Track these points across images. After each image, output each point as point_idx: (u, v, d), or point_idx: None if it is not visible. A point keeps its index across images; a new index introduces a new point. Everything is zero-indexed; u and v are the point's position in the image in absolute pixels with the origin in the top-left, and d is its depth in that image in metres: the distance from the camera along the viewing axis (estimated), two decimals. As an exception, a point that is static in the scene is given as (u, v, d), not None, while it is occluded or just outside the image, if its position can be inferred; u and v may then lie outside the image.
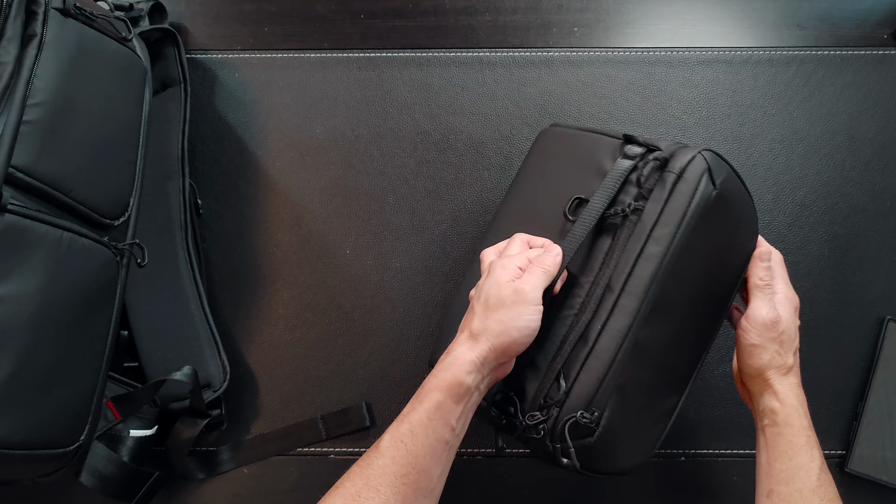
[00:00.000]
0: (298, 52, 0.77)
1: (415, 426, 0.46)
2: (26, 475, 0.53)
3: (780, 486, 0.49)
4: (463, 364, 0.47)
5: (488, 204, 0.73)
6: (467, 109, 0.75)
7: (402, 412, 0.47)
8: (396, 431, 0.46)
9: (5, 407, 0.47)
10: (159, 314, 0.69)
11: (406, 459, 0.45)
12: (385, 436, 0.46)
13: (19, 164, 0.48)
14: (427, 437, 0.46)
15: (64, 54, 0.53)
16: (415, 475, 0.45)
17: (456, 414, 0.47)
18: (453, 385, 0.46)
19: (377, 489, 0.44)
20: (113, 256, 0.56)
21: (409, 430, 0.46)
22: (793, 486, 0.49)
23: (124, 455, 0.61)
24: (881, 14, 0.76)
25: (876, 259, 0.71)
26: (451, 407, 0.46)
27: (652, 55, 0.75)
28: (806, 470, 0.49)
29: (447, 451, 0.47)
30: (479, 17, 0.77)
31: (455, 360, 0.47)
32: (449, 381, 0.46)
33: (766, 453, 0.52)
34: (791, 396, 0.52)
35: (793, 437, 0.50)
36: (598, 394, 0.48)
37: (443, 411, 0.46)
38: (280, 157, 0.75)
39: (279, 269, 0.73)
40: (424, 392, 0.47)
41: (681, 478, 0.69)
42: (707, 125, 0.74)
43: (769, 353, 0.53)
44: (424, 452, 0.46)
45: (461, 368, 0.47)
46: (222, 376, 0.68)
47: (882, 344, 0.69)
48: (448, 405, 0.46)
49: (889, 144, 0.73)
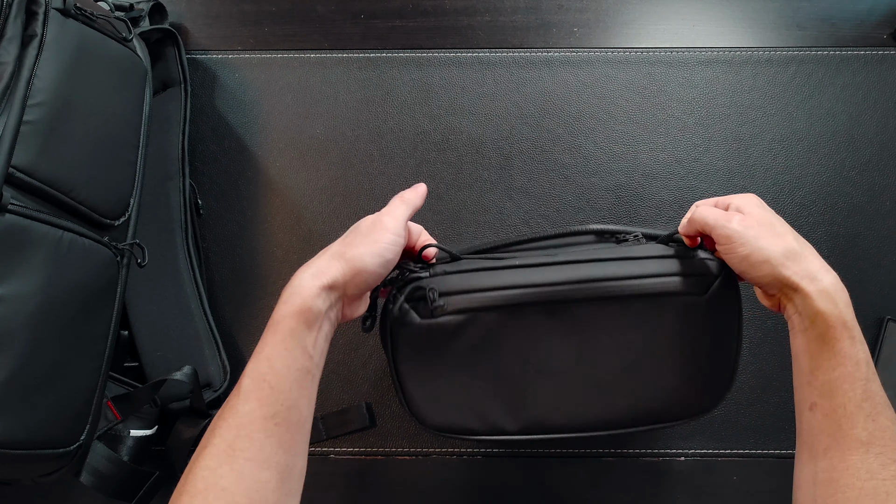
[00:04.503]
0: (298, 53, 0.77)
1: (273, 360, 0.44)
2: (26, 475, 0.53)
3: (823, 399, 0.45)
4: (310, 288, 0.45)
5: (488, 204, 0.73)
6: (467, 109, 0.75)
7: (255, 350, 0.45)
8: (255, 371, 0.44)
9: (5, 407, 0.47)
10: (160, 314, 0.69)
11: (272, 398, 0.43)
12: (244, 379, 0.44)
13: (20, 164, 0.48)
14: (288, 369, 0.44)
15: (64, 55, 0.53)
16: (284, 412, 0.44)
17: (311, 340, 0.45)
18: (303, 310, 0.45)
19: (250, 437, 0.42)
20: (113, 256, 0.56)
21: (268, 367, 0.44)
22: (836, 400, 0.44)
23: (124, 455, 0.61)
24: (881, 14, 0.76)
25: (876, 259, 0.71)
26: (305, 332, 0.45)
27: (652, 55, 0.76)
28: (850, 381, 0.44)
29: (310, 381, 0.46)
30: (479, 18, 0.78)
31: (301, 285, 0.46)
32: (298, 305, 0.45)
33: (808, 360, 0.46)
34: (826, 289, 0.45)
35: (835, 341, 0.45)
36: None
37: (297, 338, 0.45)
38: (280, 157, 0.75)
39: (279, 269, 0.73)
40: (274, 323, 0.45)
41: (681, 478, 0.69)
42: (707, 125, 0.74)
43: (764, 250, 0.47)
44: (290, 386, 0.44)
45: (309, 292, 0.45)
46: (223, 376, 0.68)
47: (882, 344, 0.69)
48: (301, 331, 0.45)
49: (888, 144, 0.73)
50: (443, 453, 0.70)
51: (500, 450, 0.70)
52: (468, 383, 0.54)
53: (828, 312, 0.45)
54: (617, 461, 0.69)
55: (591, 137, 0.74)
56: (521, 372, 0.54)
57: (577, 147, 0.74)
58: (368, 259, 0.47)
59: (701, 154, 0.74)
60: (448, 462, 0.70)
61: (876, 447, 0.43)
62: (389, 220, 0.49)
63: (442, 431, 0.55)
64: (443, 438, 0.69)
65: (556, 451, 0.69)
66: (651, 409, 0.55)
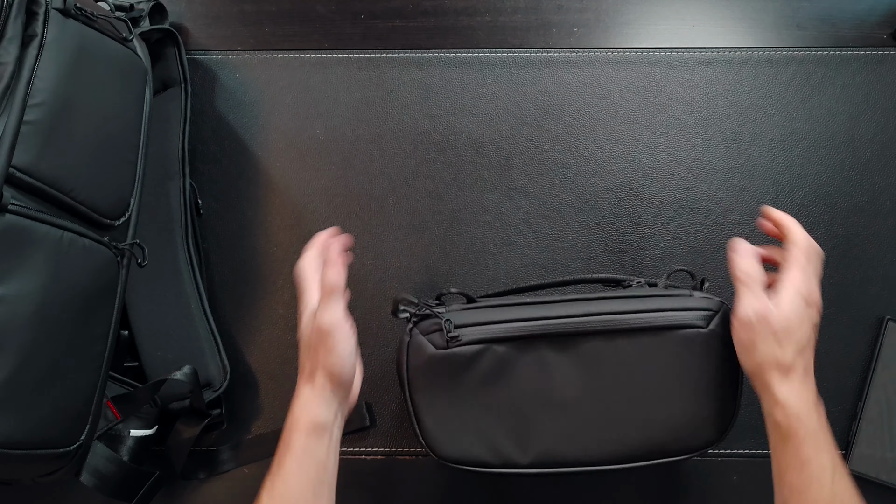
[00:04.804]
0: (298, 53, 0.77)
1: (288, 479, 0.49)
2: (26, 475, 0.53)
3: (793, 496, 0.48)
4: (313, 407, 0.50)
5: (488, 204, 0.73)
6: (467, 109, 0.75)
7: (272, 467, 0.50)
8: (273, 489, 0.49)
9: (5, 407, 0.47)
10: (160, 314, 0.69)
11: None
12: (262, 496, 0.49)
13: (20, 164, 0.48)
14: (302, 485, 0.49)
15: (65, 55, 0.53)
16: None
17: (323, 451, 0.50)
18: (312, 426, 0.50)
19: None
20: (113, 256, 0.56)
21: (283, 486, 0.49)
22: (807, 496, 0.47)
23: (124, 455, 0.61)
24: (881, 14, 0.76)
25: (876, 259, 0.71)
26: (316, 446, 0.50)
27: (652, 55, 0.76)
28: (818, 481, 0.47)
29: (326, 490, 0.50)
30: (479, 18, 0.78)
31: (306, 403, 0.51)
32: (305, 423, 0.50)
33: (777, 461, 0.50)
34: (793, 401, 0.48)
35: (800, 447, 0.47)
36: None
37: (310, 454, 0.49)
38: (280, 157, 0.75)
39: (279, 268, 0.73)
40: (285, 444, 0.50)
41: (681, 478, 0.69)
42: (707, 125, 0.74)
43: (761, 351, 0.50)
44: (307, 499, 0.49)
45: (313, 410, 0.50)
46: (222, 376, 0.68)
47: (882, 344, 0.69)
48: (313, 445, 0.50)
49: (888, 144, 0.73)
50: (443, 453, 0.70)
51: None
52: (481, 415, 0.55)
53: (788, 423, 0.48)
54: (617, 461, 0.69)
55: (591, 137, 0.74)
56: (532, 404, 0.55)
57: (577, 147, 0.74)
58: (337, 362, 0.51)
59: (701, 154, 0.74)
60: (448, 462, 0.70)
61: None
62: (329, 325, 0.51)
63: (456, 464, 0.56)
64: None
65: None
66: (661, 442, 0.55)
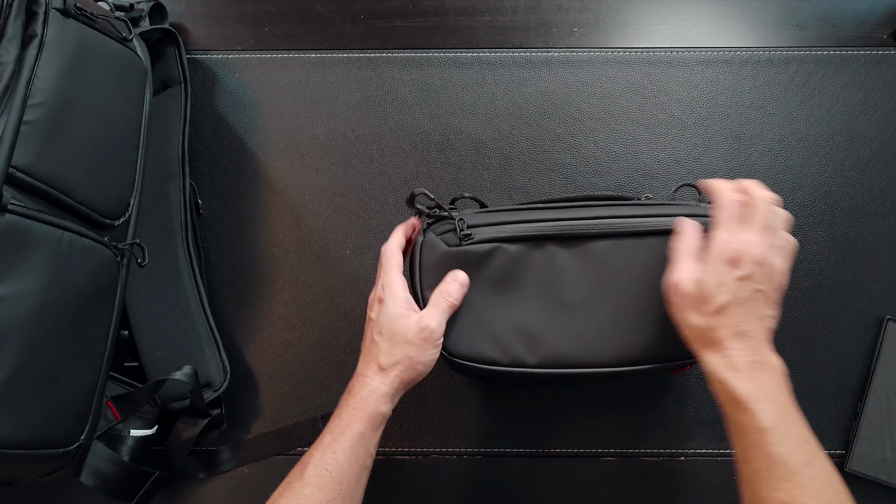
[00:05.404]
0: (298, 53, 0.77)
1: (339, 456, 0.50)
2: (26, 475, 0.53)
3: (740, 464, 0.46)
4: (379, 397, 0.52)
5: (488, 204, 0.73)
6: (467, 109, 0.75)
7: (323, 441, 0.51)
8: (322, 461, 0.50)
9: (5, 407, 0.47)
10: (160, 314, 0.69)
11: (331, 486, 0.49)
12: (309, 466, 0.50)
13: (20, 164, 0.48)
14: (350, 464, 0.50)
15: (64, 55, 0.53)
16: (340, 500, 0.50)
17: (375, 441, 0.52)
18: (374, 416, 0.52)
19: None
20: (113, 256, 0.56)
21: (333, 460, 0.50)
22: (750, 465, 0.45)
23: (124, 455, 0.61)
24: (881, 14, 0.76)
25: (876, 259, 0.71)
26: (371, 436, 0.52)
27: (652, 55, 0.76)
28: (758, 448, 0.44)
29: (367, 474, 0.53)
30: (479, 17, 0.78)
31: (372, 393, 0.52)
32: (369, 412, 0.51)
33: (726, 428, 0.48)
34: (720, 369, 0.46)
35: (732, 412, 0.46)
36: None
37: (364, 441, 0.51)
38: (280, 157, 0.75)
39: (279, 268, 0.73)
40: (345, 423, 0.51)
41: (681, 478, 0.69)
42: (707, 125, 0.74)
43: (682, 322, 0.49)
44: (349, 479, 0.50)
45: (378, 401, 0.52)
46: (222, 376, 0.68)
47: (882, 344, 0.69)
48: (369, 434, 0.52)
49: (888, 144, 0.73)
50: (443, 453, 0.70)
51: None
52: (491, 313, 0.56)
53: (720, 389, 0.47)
54: (617, 461, 0.69)
55: (591, 137, 0.74)
56: (541, 304, 0.56)
57: (577, 147, 0.74)
58: (422, 368, 0.53)
59: (701, 154, 0.74)
60: (448, 462, 0.70)
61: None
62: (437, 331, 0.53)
63: (466, 361, 0.56)
64: (443, 438, 0.69)
65: (557, 451, 0.69)
66: (663, 346, 0.55)
